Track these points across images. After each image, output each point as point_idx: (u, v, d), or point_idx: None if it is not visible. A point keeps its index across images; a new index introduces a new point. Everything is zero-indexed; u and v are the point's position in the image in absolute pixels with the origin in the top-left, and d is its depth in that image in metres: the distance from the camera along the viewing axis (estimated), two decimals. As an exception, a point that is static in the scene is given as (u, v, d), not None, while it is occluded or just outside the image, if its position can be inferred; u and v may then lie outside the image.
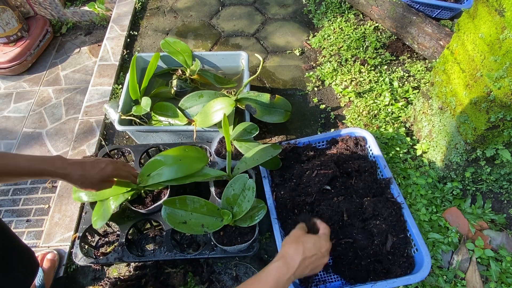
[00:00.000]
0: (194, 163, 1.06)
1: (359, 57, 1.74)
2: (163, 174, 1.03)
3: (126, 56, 1.92)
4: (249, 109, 1.35)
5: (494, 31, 0.96)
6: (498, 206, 1.26)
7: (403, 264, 1.03)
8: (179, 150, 1.09)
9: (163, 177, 1.02)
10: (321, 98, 1.67)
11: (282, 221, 1.13)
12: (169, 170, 1.03)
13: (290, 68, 1.81)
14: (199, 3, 2.21)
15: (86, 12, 2.31)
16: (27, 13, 2.25)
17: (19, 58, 2.02)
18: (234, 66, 1.63)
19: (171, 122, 1.39)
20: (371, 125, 1.49)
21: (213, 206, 1.04)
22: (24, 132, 1.79)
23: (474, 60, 1.07)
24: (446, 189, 1.29)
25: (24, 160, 0.80)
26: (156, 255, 1.11)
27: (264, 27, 2.05)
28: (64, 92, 1.96)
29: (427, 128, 1.36)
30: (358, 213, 1.11)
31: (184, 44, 1.58)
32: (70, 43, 2.26)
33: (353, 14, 1.96)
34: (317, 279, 1.08)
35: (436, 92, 1.30)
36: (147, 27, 2.09)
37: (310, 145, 1.30)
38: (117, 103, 1.43)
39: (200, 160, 1.08)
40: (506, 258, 1.12)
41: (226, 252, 1.08)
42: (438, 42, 1.61)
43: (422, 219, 1.21)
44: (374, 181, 1.17)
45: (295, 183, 1.18)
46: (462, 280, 1.11)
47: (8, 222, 1.47)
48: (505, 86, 0.94)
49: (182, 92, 1.51)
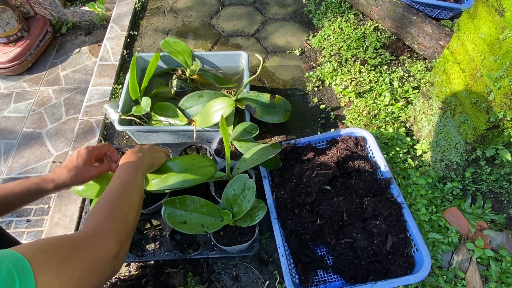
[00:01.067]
0: (201, 171, 1.06)
1: (359, 57, 1.74)
2: (168, 182, 1.02)
3: (126, 56, 1.92)
4: (249, 109, 1.35)
5: (494, 31, 0.96)
6: (498, 206, 1.26)
7: (403, 264, 1.03)
8: (187, 158, 1.08)
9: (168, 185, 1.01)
10: (321, 98, 1.67)
11: (282, 221, 1.13)
12: (175, 179, 1.02)
13: (290, 68, 1.81)
14: (199, 3, 2.21)
15: (86, 12, 2.31)
16: (27, 13, 2.25)
17: (19, 58, 2.02)
18: (234, 66, 1.63)
19: (171, 122, 1.39)
20: (371, 125, 1.49)
21: (213, 206, 1.04)
22: (24, 132, 1.80)
23: (474, 60, 1.07)
24: (446, 189, 1.29)
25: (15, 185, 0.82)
26: (156, 255, 1.11)
27: (264, 27, 2.05)
28: (64, 92, 1.96)
29: (427, 128, 1.36)
30: (358, 213, 1.11)
31: (184, 44, 1.58)
32: (70, 43, 2.26)
33: (353, 14, 1.96)
34: (317, 279, 1.08)
35: (436, 92, 1.30)
36: (147, 27, 2.09)
37: (310, 145, 1.30)
38: (117, 103, 1.43)
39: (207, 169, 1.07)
40: (506, 258, 1.12)
41: (226, 252, 1.08)
42: (438, 42, 1.61)
43: (422, 219, 1.21)
44: (374, 181, 1.17)
45: (295, 183, 1.18)
46: (462, 280, 1.11)
47: (8, 222, 1.47)
48: (505, 86, 0.94)
49: (182, 92, 1.51)
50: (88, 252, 0.57)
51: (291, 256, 1.09)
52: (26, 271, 0.46)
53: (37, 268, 0.47)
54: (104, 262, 0.59)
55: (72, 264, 0.53)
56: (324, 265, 1.09)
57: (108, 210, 0.68)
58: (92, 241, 0.60)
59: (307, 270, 1.08)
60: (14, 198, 0.82)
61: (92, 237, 0.61)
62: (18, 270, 0.45)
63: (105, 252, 0.60)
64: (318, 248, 1.14)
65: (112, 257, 0.60)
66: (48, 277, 0.48)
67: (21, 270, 0.45)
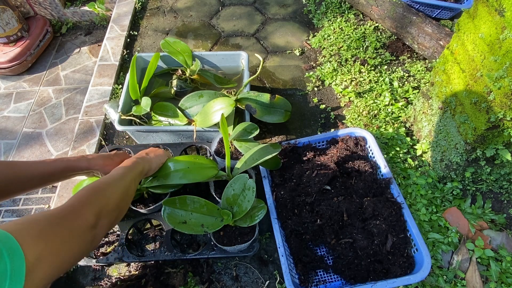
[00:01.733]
0: (202, 172, 1.08)
1: (359, 57, 1.74)
2: (169, 179, 1.04)
3: (126, 56, 1.92)
4: (249, 109, 1.35)
5: (494, 31, 0.96)
6: (498, 206, 1.26)
7: (403, 264, 1.03)
8: (189, 158, 1.11)
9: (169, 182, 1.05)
10: (321, 98, 1.67)
11: (282, 221, 1.13)
12: (176, 177, 1.05)
13: (290, 68, 1.81)
14: (199, 3, 2.21)
15: (86, 12, 2.31)
16: (27, 13, 2.25)
17: (19, 58, 2.02)
18: (234, 66, 1.63)
19: (171, 122, 1.39)
20: (371, 125, 1.49)
21: (213, 206, 1.04)
22: (24, 132, 1.80)
23: (474, 60, 1.07)
24: (446, 189, 1.29)
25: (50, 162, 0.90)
26: (156, 255, 1.11)
27: (264, 27, 2.05)
28: (64, 92, 1.96)
29: (427, 128, 1.36)
30: (358, 213, 1.11)
31: (184, 44, 1.58)
32: (70, 43, 2.26)
33: (353, 14, 1.96)
34: (317, 279, 1.08)
35: (436, 92, 1.30)
36: (147, 27, 2.09)
37: (310, 145, 1.30)
38: (117, 103, 1.43)
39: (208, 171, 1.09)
40: (506, 258, 1.12)
41: (226, 252, 1.08)
42: (438, 42, 1.61)
43: (422, 219, 1.21)
44: (374, 181, 1.17)
45: (295, 183, 1.18)
46: (462, 280, 1.11)
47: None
48: (505, 86, 0.94)
49: (182, 92, 1.51)
50: (65, 221, 0.62)
51: (291, 256, 1.09)
52: (12, 243, 0.49)
53: (21, 239, 0.51)
54: (82, 229, 0.64)
55: (52, 231, 0.58)
56: (324, 265, 1.09)
57: (89, 189, 0.74)
58: (69, 209, 0.65)
59: (307, 270, 1.08)
60: (50, 174, 0.88)
61: (69, 206, 0.66)
62: (4, 243, 0.48)
63: (82, 220, 0.65)
64: (318, 248, 1.14)
65: (90, 225, 0.66)
66: (32, 245, 0.52)
67: (7, 243, 0.48)
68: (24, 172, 0.83)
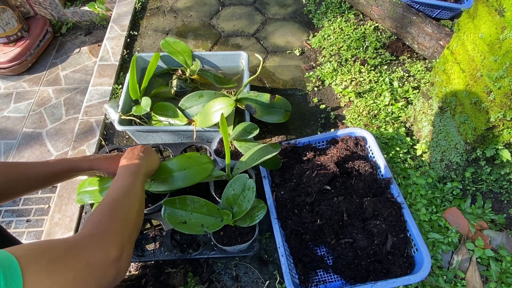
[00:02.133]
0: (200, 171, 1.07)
1: (359, 57, 1.74)
2: (167, 182, 1.04)
3: (126, 56, 1.92)
4: (249, 109, 1.35)
5: (494, 31, 0.96)
6: (498, 206, 1.26)
7: (403, 264, 1.03)
8: (185, 158, 1.10)
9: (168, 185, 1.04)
10: (321, 98, 1.67)
11: (282, 221, 1.13)
12: (174, 179, 1.04)
13: (290, 68, 1.81)
14: (199, 3, 2.21)
15: (86, 12, 2.31)
16: (27, 13, 2.25)
17: (19, 58, 2.02)
18: (234, 66, 1.63)
19: (171, 122, 1.39)
20: (371, 125, 1.49)
21: (213, 206, 1.04)
22: (24, 132, 1.80)
23: (474, 60, 1.07)
24: (446, 189, 1.29)
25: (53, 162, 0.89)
26: (156, 255, 1.11)
27: (264, 27, 2.05)
28: (64, 92, 1.96)
29: (427, 128, 1.36)
30: (358, 213, 1.11)
31: (184, 44, 1.58)
32: (70, 43, 2.26)
33: (353, 14, 1.96)
34: (317, 279, 1.08)
35: (436, 92, 1.30)
36: (147, 27, 2.09)
37: (310, 145, 1.30)
38: (117, 103, 1.43)
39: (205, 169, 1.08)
40: (506, 258, 1.12)
41: (226, 252, 1.08)
42: (438, 42, 1.61)
43: (422, 219, 1.21)
44: (374, 181, 1.17)
45: (295, 183, 1.18)
46: (462, 280, 1.11)
47: (8, 222, 1.47)
48: (505, 86, 0.94)
49: (182, 92, 1.51)
50: (83, 252, 0.55)
51: (291, 256, 1.09)
52: (14, 268, 0.45)
53: (26, 266, 0.46)
54: (103, 263, 0.56)
55: (65, 262, 0.51)
56: (324, 265, 1.09)
57: (106, 212, 0.68)
58: (88, 240, 0.58)
59: (307, 270, 1.08)
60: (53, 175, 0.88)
61: (88, 236, 0.59)
62: (4, 267, 0.44)
63: (104, 253, 0.58)
64: (318, 248, 1.14)
65: (113, 258, 0.58)
66: (37, 275, 0.47)
67: (7, 267, 0.44)
68: (29, 173, 0.83)
